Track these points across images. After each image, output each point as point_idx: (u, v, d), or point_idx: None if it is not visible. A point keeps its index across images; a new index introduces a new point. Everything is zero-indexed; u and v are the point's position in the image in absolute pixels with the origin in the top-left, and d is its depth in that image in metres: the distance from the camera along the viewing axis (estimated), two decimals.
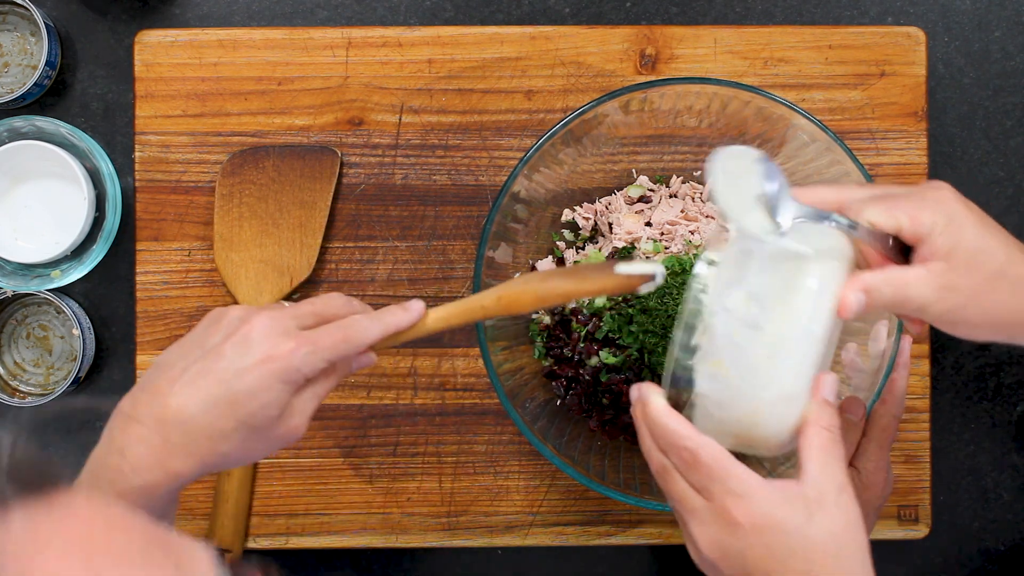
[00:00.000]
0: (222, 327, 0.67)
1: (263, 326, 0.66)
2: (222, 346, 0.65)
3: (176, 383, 0.64)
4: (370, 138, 0.94)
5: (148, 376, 0.66)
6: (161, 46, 0.94)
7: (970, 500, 0.98)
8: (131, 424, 0.64)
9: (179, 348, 0.67)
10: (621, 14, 0.97)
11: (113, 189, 0.93)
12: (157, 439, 0.63)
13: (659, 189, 0.93)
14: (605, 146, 0.92)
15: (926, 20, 0.97)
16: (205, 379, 0.64)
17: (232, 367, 0.64)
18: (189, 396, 0.64)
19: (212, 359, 0.65)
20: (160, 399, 0.64)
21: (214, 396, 0.64)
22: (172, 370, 0.65)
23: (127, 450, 0.63)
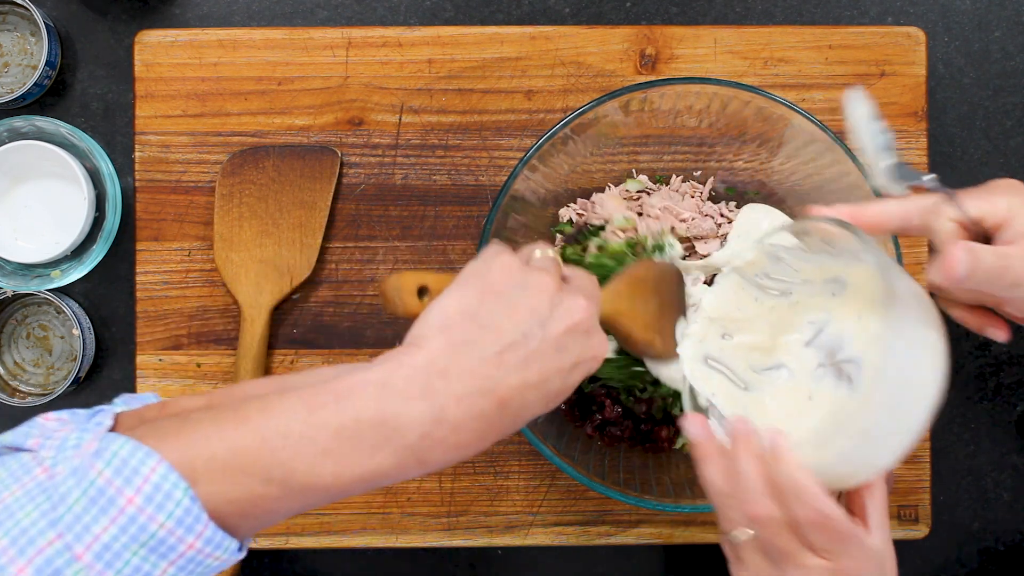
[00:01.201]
0: (548, 297, 0.62)
1: (592, 317, 0.63)
2: (565, 335, 0.61)
3: (524, 369, 0.59)
4: (370, 138, 0.94)
5: (461, 330, 0.59)
6: (161, 46, 0.94)
7: (970, 500, 0.98)
8: (472, 397, 0.57)
9: (500, 310, 0.60)
10: (621, 14, 0.97)
11: (113, 189, 0.93)
12: (490, 418, 0.58)
13: (659, 188, 0.93)
14: (605, 146, 0.92)
15: (926, 20, 0.97)
16: (543, 374, 0.60)
17: (566, 363, 0.61)
18: (523, 391, 0.59)
19: (557, 349, 0.60)
20: (496, 383, 0.58)
21: (552, 390, 0.61)
22: (508, 349, 0.59)
23: (460, 426, 0.57)
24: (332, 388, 0.56)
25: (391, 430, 0.55)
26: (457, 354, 0.58)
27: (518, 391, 0.59)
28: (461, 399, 0.57)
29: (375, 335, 0.94)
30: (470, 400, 0.57)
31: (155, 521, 0.51)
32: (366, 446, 0.55)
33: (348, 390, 0.56)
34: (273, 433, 0.54)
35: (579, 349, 0.62)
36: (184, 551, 0.52)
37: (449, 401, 0.57)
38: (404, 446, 0.55)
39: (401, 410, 0.56)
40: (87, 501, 0.50)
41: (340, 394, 0.56)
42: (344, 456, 0.55)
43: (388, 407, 0.56)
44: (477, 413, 0.57)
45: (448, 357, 0.58)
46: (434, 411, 0.56)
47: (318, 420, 0.55)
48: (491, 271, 0.62)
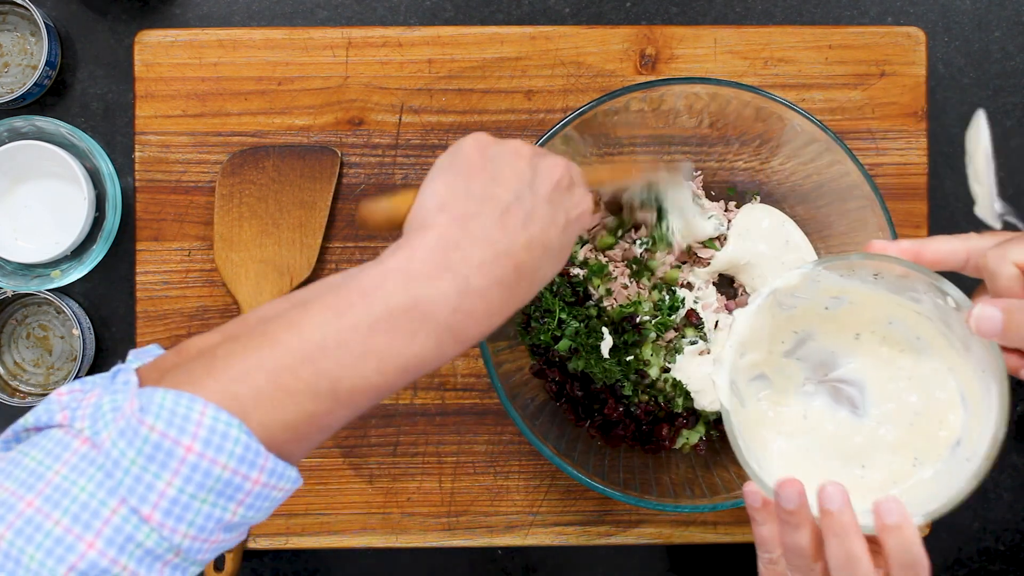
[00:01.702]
0: (528, 161, 0.63)
1: (570, 171, 0.66)
2: (548, 189, 0.63)
3: (519, 232, 0.60)
4: (370, 138, 0.94)
5: (460, 208, 0.60)
6: (161, 46, 0.94)
7: (970, 500, 0.98)
8: (491, 264, 0.58)
9: (489, 183, 0.61)
10: (621, 14, 0.97)
11: (113, 189, 0.93)
12: (511, 282, 0.59)
13: None
14: (605, 146, 0.92)
15: (926, 20, 0.97)
16: (544, 232, 0.61)
17: (560, 222, 0.63)
18: (531, 250, 0.60)
19: (545, 207, 0.62)
20: (508, 248, 0.59)
21: (555, 245, 0.62)
22: (505, 213, 0.60)
23: (486, 293, 0.57)
24: (355, 287, 0.55)
25: (423, 312, 0.55)
26: (464, 227, 0.58)
27: (527, 250, 0.60)
28: (481, 267, 0.57)
29: None
30: (489, 266, 0.58)
31: (217, 464, 0.50)
32: (403, 334, 0.55)
33: (372, 285, 0.55)
34: (310, 346, 0.53)
35: (567, 203, 0.64)
36: (251, 488, 0.51)
37: (471, 271, 0.57)
38: (439, 324, 0.55)
39: (428, 290, 0.55)
40: (144, 459, 0.50)
41: (365, 291, 0.55)
42: (384, 350, 0.54)
43: (415, 290, 0.55)
44: (498, 277, 0.58)
45: (456, 231, 0.58)
46: (459, 284, 0.56)
47: (350, 322, 0.54)
48: (464, 151, 0.63)
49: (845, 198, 0.86)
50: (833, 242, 0.90)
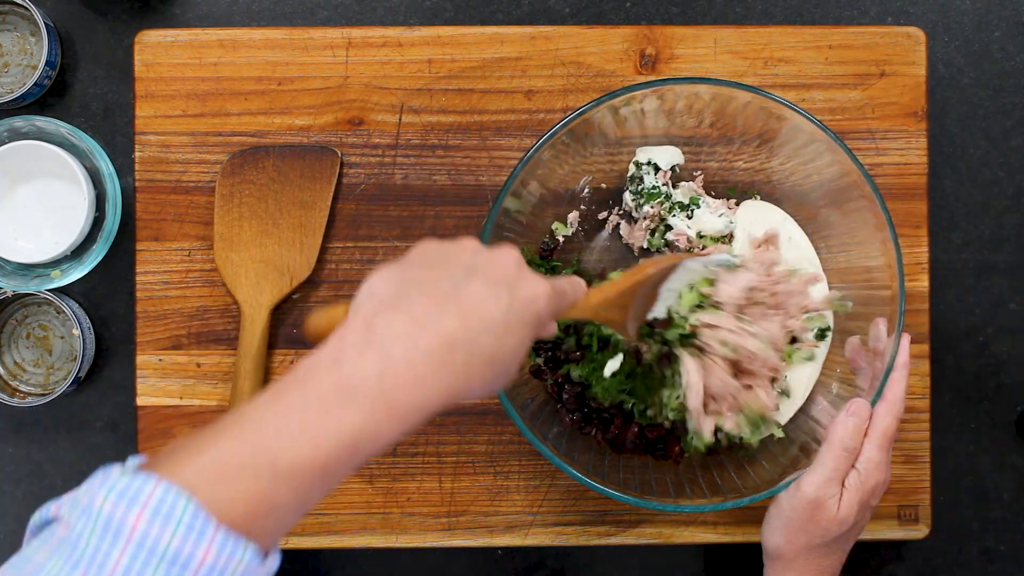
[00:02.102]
0: (470, 252, 0.63)
1: (519, 261, 0.64)
2: (489, 272, 0.62)
3: (447, 304, 0.59)
4: (370, 138, 0.94)
5: (390, 294, 0.61)
6: (161, 46, 0.94)
7: (970, 500, 0.98)
8: (416, 335, 0.58)
9: (424, 271, 0.62)
10: (621, 14, 0.97)
11: (113, 189, 0.93)
12: (439, 352, 0.58)
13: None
14: (605, 146, 0.92)
15: (926, 20, 0.97)
16: (479, 305, 0.60)
17: (502, 300, 0.61)
18: (464, 320, 0.59)
19: (482, 285, 0.61)
20: (434, 320, 0.59)
21: (494, 320, 0.60)
22: (435, 290, 0.60)
23: (412, 361, 0.57)
24: (291, 376, 0.58)
25: (351, 387, 0.57)
26: (390, 308, 0.59)
27: (459, 320, 0.59)
28: (402, 337, 0.58)
29: None
30: (412, 336, 0.58)
31: (165, 533, 0.52)
32: (334, 410, 0.56)
33: (304, 371, 0.58)
34: (249, 428, 0.56)
35: (512, 284, 0.62)
36: (202, 559, 0.52)
37: (393, 342, 0.58)
38: (367, 396, 0.57)
39: (354, 368, 0.57)
40: (100, 532, 0.52)
41: (298, 377, 0.57)
42: (316, 426, 0.56)
43: (342, 371, 0.57)
44: (425, 347, 0.58)
45: (381, 314, 0.59)
46: (381, 357, 0.57)
47: (285, 403, 0.56)
48: (409, 252, 0.65)
49: (845, 198, 0.86)
50: (833, 242, 0.90)
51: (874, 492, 0.81)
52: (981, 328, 0.98)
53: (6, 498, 0.97)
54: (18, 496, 0.97)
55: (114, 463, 0.62)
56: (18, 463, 0.97)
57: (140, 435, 0.93)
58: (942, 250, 0.97)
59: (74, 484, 0.99)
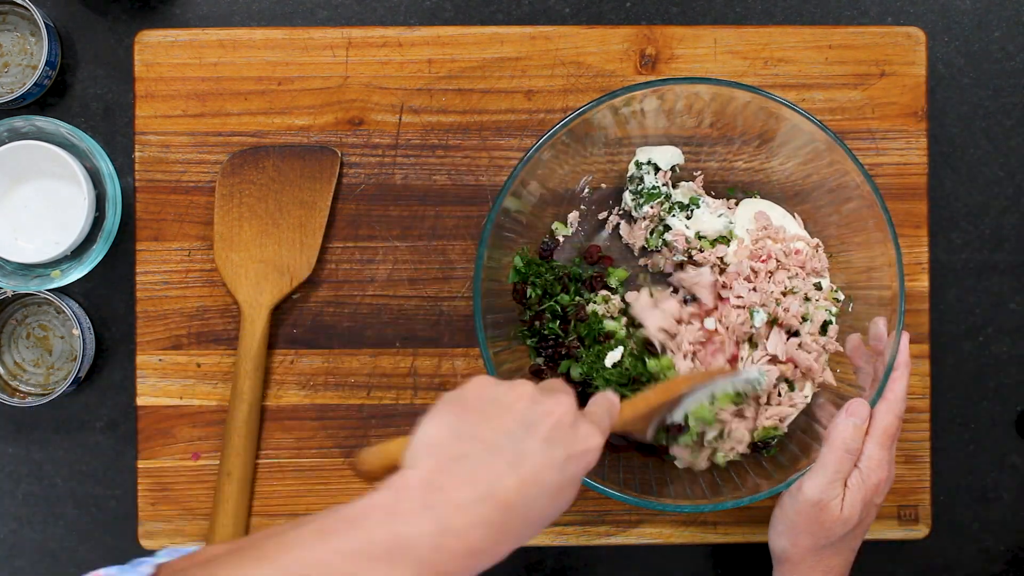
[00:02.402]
0: (527, 401, 0.65)
1: (573, 410, 0.66)
2: (546, 429, 0.64)
3: (508, 471, 0.61)
4: (370, 138, 0.94)
5: (449, 448, 0.62)
6: (161, 46, 0.94)
7: (970, 500, 0.98)
8: (474, 505, 0.60)
9: (483, 423, 0.64)
10: (621, 14, 0.97)
11: (113, 189, 0.93)
12: (497, 522, 0.61)
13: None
14: (605, 146, 0.92)
15: (926, 20, 0.97)
16: (538, 472, 0.62)
17: (558, 461, 0.63)
18: (522, 487, 0.61)
19: (540, 449, 0.63)
20: (494, 487, 0.61)
21: (551, 484, 0.63)
22: (495, 452, 0.62)
23: (467, 533, 0.59)
24: (343, 515, 0.59)
25: (403, 548, 0.58)
26: (448, 470, 0.61)
27: (517, 491, 0.61)
28: (462, 508, 0.59)
29: (375, 335, 0.94)
30: (471, 508, 0.60)
31: None
32: (382, 565, 0.57)
33: (357, 516, 0.59)
34: (293, 564, 0.56)
35: (567, 441, 0.65)
36: None
37: (450, 512, 0.59)
38: (418, 560, 0.58)
39: (409, 528, 0.58)
40: None
41: (350, 520, 0.58)
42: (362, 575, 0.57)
43: (396, 526, 0.58)
44: (481, 519, 0.60)
45: (440, 473, 0.61)
46: (439, 524, 0.59)
47: (332, 547, 0.57)
48: (465, 392, 0.66)
49: (845, 198, 0.86)
50: (833, 242, 0.90)
51: (877, 490, 0.81)
52: (981, 328, 0.98)
53: (6, 498, 0.97)
54: (18, 496, 0.97)
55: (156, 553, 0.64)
56: (18, 463, 0.97)
57: (140, 435, 0.93)
58: (942, 250, 0.97)
59: (74, 484, 0.99)
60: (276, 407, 0.94)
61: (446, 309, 0.94)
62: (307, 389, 0.94)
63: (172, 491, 0.93)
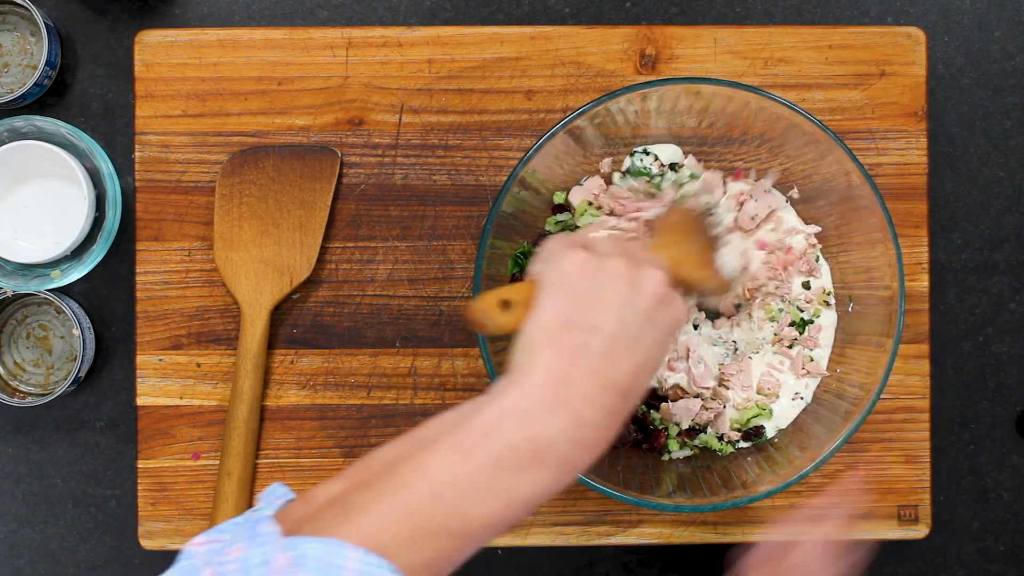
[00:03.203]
0: (628, 280, 0.65)
1: (666, 282, 0.67)
2: (653, 309, 0.65)
3: (625, 359, 0.63)
4: (370, 138, 0.94)
5: (568, 333, 0.62)
6: (161, 46, 0.94)
7: (970, 500, 0.98)
8: (601, 395, 0.61)
9: (594, 305, 0.64)
10: (621, 14, 0.97)
11: (113, 189, 0.93)
12: (618, 408, 0.62)
13: None
14: (605, 146, 0.92)
15: (926, 20, 0.97)
16: (650, 357, 0.64)
17: (662, 340, 0.66)
18: (636, 373, 0.63)
19: (651, 324, 0.65)
20: (616, 376, 0.62)
21: (656, 363, 0.65)
22: (618, 340, 0.63)
23: (598, 424, 0.61)
24: (476, 427, 0.58)
25: (543, 448, 0.58)
26: (571, 362, 0.61)
27: (633, 376, 0.63)
28: (592, 401, 0.60)
29: (375, 335, 0.94)
30: (599, 399, 0.61)
31: None
32: (526, 470, 0.58)
33: (492, 424, 0.58)
34: (441, 487, 0.56)
35: (665, 317, 0.66)
36: None
37: (583, 406, 0.60)
38: (557, 458, 0.59)
39: (545, 428, 0.59)
40: None
41: (486, 430, 0.58)
42: (510, 487, 0.57)
43: (533, 429, 0.58)
44: (608, 408, 0.61)
45: (564, 367, 0.61)
46: (573, 419, 0.59)
47: (476, 462, 0.57)
48: (567, 272, 0.65)
49: (845, 198, 0.86)
50: (832, 242, 0.90)
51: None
52: (981, 328, 0.98)
53: (6, 498, 0.97)
54: (18, 496, 0.97)
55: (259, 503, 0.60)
56: (18, 463, 0.97)
57: (140, 435, 0.93)
58: (942, 250, 0.97)
59: (74, 484, 0.99)
60: (276, 407, 0.94)
61: (446, 309, 0.94)
62: (307, 389, 0.94)
63: (172, 491, 0.93)
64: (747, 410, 0.89)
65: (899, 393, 0.94)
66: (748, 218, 0.89)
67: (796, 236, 0.90)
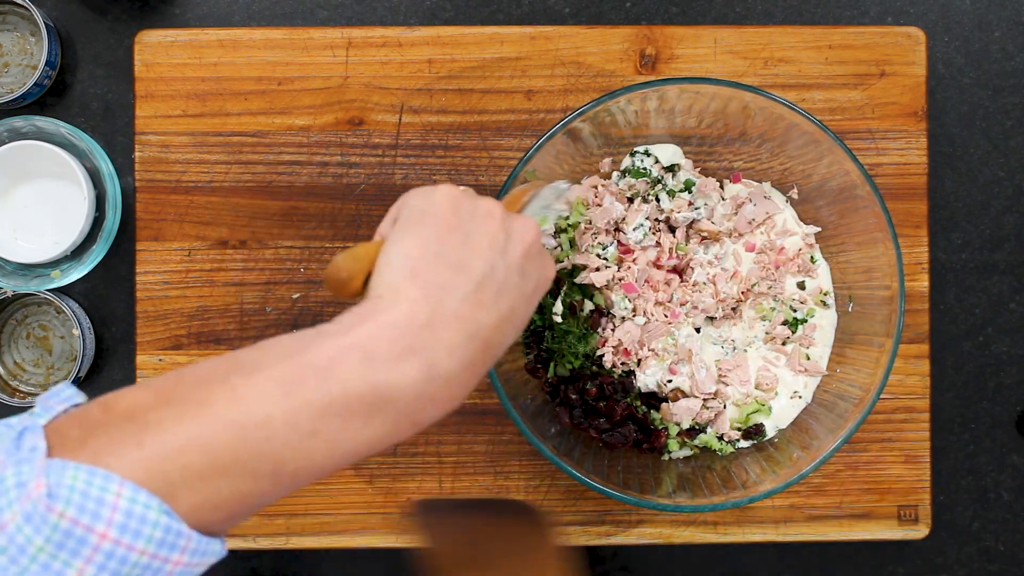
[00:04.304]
0: (499, 223, 0.60)
1: (538, 236, 0.63)
2: (522, 259, 0.60)
3: (498, 303, 0.57)
4: (370, 138, 0.94)
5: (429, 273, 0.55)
6: (161, 46, 0.94)
7: (970, 500, 0.98)
8: (462, 346, 0.54)
9: (462, 247, 0.57)
10: (621, 14, 0.97)
11: (113, 189, 0.93)
12: (478, 362, 0.55)
13: None
14: (605, 146, 0.92)
15: (926, 20, 0.97)
16: (515, 307, 0.58)
17: (529, 292, 0.60)
18: (500, 325, 0.57)
19: (520, 274, 0.59)
20: (478, 325, 0.55)
21: (522, 317, 0.59)
22: (487, 286, 0.57)
23: (453, 377, 0.53)
24: (309, 362, 0.50)
25: (383, 399, 0.51)
26: (436, 301, 0.54)
27: (498, 328, 0.56)
28: (452, 350, 0.53)
29: None
30: (460, 349, 0.54)
31: (135, 550, 0.46)
32: (358, 419, 0.51)
33: (329, 362, 0.50)
34: (251, 423, 0.48)
35: (537, 270, 0.61)
36: (171, 570, 0.47)
37: (440, 354, 0.53)
38: (397, 411, 0.51)
39: (392, 376, 0.51)
40: (53, 547, 0.45)
41: (320, 367, 0.50)
42: (335, 434, 0.50)
43: (377, 375, 0.51)
44: (468, 360, 0.54)
45: (428, 306, 0.53)
46: (425, 368, 0.52)
47: (299, 401, 0.49)
48: (438, 206, 0.58)
49: (845, 198, 0.86)
50: (832, 242, 0.90)
51: None
52: (981, 328, 0.98)
53: None
54: None
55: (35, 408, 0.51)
56: None
57: None
58: (942, 250, 0.97)
59: None
60: None
61: None
62: None
63: None
64: (746, 406, 0.89)
65: (899, 393, 0.94)
66: (745, 222, 0.89)
67: (791, 237, 0.90)
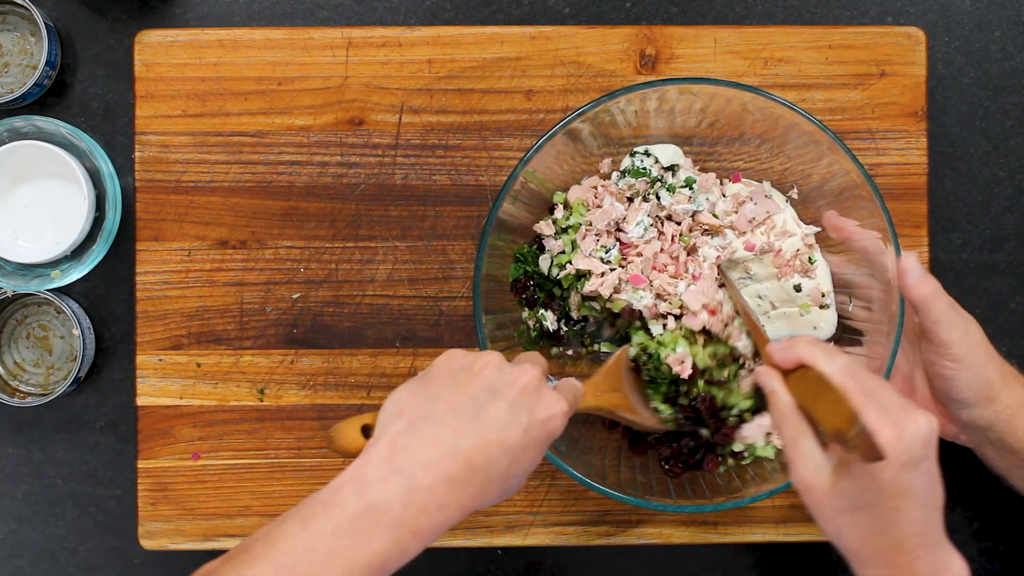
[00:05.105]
0: (493, 369, 0.68)
1: (539, 378, 0.69)
2: (510, 393, 0.67)
3: (470, 429, 0.65)
4: (370, 138, 0.94)
5: (415, 412, 0.65)
6: (161, 46, 0.94)
7: (970, 500, 0.98)
8: (438, 462, 0.63)
9: (449, 389, 0.67)
10: (621, 14, 0.97)
11: (113, 189, 0.93)
12: (462, 478, 0.64)
13: None
14: (605, 146, 0.92)
15: (926, 20, 0.97)
16: (500, 430, 0.65)
17: (521, 423, 0.66)
18: (484, 445, 0.64)
19: (503, 409, 0.66)
20: (457, 445, 0.64)
21: (514, 445, 0.66)
22: (458, 413, 0.65)
23: (434, 489, 0.63)
24: (318, 499, 0.62)
25: (377, 513, 0.61)
26: (415, 430, 0.64)
27: (480, 448, 0.64)
28: (427, 465, 0.63)
29: (375, 335, 0.94)
30: (436, 465, 0.63)
31: None
32: (362, 535, 0.61)
33: (331, 495, 0.62)
34: (282, 555, 0.60)
35: (532, 406, 0.67)
36: None
37: (416, 470, 0.62)
38: (393, 522, 0.61)
39: (379, 493, 0.62)
40: None
41: (325, 501, 0.62)
42: (347, 551, 0.61)
43: (368, 495, 0.62)
44: (446, 475, 0.63)
45: (407, 435, 0.64)
46: (406, 482, 0.62)
47: (314, 530, 0.61)
48: (434, 365, 0.69)
49: (845, 198, 0.86)
50: (832, 242, 0.90)
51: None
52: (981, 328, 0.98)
53: (6, 498, 0.97)
54: (18, 496, 0.97)
55: None
56: (18, 463, 0.97)
57: (140, 435, 0.93)
58: (942, 250, 0.97)
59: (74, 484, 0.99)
60: (276, 407, 0.94)
61: (446, 309, 0.94)
62: (307, 389, 0.94)
63: (172, 491, 0.93)
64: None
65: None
66: (745, 221, 0.89)
67: (790, 239, 0.90)
